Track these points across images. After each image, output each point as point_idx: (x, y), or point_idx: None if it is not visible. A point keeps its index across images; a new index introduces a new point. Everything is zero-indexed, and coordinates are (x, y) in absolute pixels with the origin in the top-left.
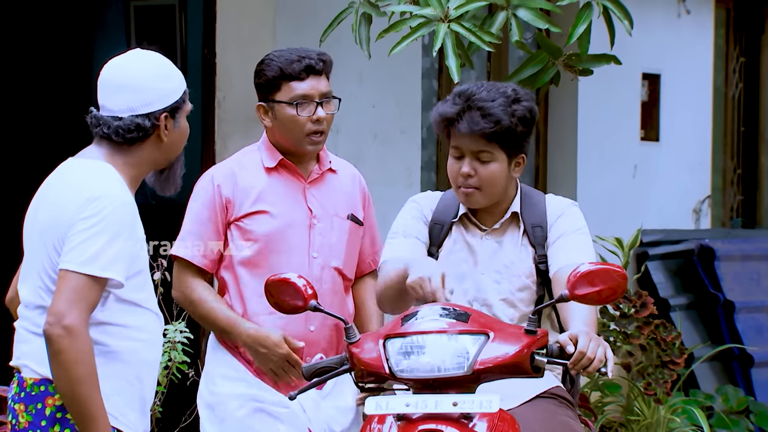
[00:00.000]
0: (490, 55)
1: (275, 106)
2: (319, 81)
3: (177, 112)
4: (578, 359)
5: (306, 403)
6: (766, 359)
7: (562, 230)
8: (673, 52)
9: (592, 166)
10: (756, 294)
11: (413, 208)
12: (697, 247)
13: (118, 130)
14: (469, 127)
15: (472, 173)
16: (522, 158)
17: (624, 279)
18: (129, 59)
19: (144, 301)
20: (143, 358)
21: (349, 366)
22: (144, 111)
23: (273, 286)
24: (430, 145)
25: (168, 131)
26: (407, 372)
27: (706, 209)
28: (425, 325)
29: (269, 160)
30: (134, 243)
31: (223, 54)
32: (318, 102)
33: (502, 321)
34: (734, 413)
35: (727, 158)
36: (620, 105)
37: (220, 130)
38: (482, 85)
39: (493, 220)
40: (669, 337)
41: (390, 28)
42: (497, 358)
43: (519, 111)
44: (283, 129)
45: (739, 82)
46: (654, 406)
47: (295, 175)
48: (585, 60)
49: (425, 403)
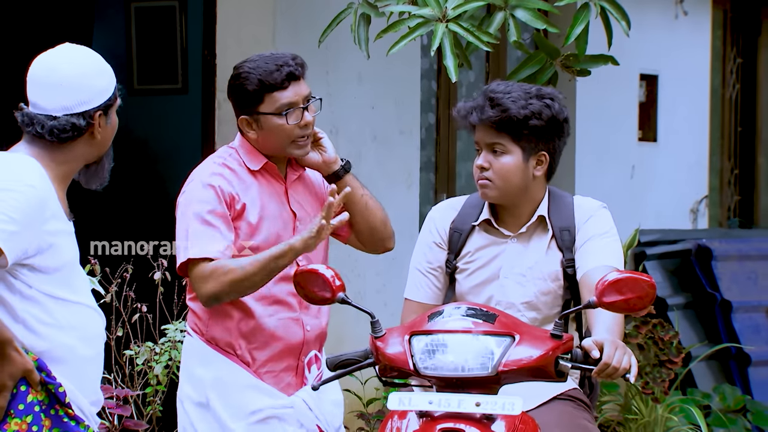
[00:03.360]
0: (488, 55)
1: (260, 118)
2: (300, 85)
3: (109, 108)
4: (603, 369)
5: (309, 400)
6: (763, 358)
7: (591, 233)
8: (671, 53)
9: (590, 166)
10: (753, 293)
11: (428, 233)
12: (694, 247)
13: (53, 129)
14: (479, 117)
15: (486, 165)
16: (543, 156)
17: (653, 288)
18: (61, 56)
19: (71, 296)
20: (81, 354)
21: (373, 360)
22: (79, 110)
23: (302, 277)
24: (429, 145)
25: (101, 128)
26: (431, 369)
27: (704, 209)
28: (451, 323)
29: (253, 163)
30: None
31: (223, 55)
32: (303, 107)
33: (528, 324)
34: (731, 412)
35: (724, 159)
36: (618, 105)
37: (221, 132)
38: (511, 83)
39: (518, 224)
40: (666, 337)
41: (388, 28)
42: (521, 361)
43: (534, 105)
44: (270, 138)
45: (736, 83)
46: (652, 405)
47: (276, 178)
48: (583, 60)
49: (448, 401)
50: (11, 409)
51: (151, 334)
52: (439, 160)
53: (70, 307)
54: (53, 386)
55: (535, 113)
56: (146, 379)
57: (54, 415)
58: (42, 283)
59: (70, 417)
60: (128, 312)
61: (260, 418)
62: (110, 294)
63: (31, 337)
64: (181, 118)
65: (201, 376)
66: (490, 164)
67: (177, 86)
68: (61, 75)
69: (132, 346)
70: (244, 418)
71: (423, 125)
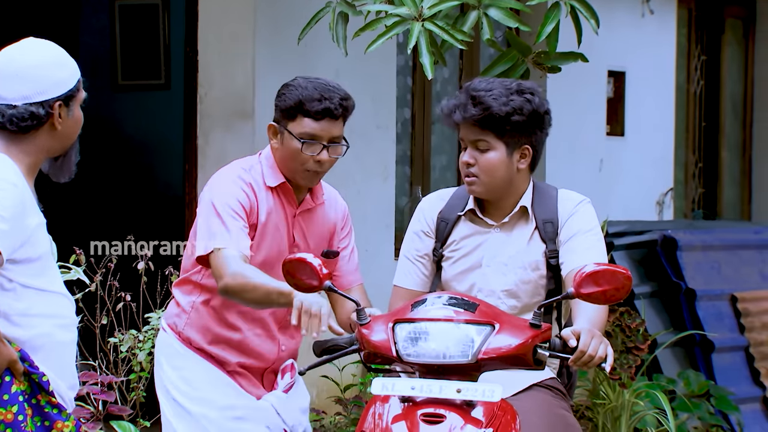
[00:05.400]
0: (462, 53)
1: (285, 133)
2: (333, 125)
3: (71, 100)
4: (579, 357)
5: (278, 405)
6: (726, 345)
7: (575, 230)
8: (638, 50)
9: (561, 160)
10: (716, 282)
11: (417, 222)
12: (660, 238)
13: (12, 118)
14: (462, 115)
15: (472, 162)
16: (527, 150)
17: (628, 280)
18: (22, 48)
19: (48, 285)
20: (59, 341)
21: (358, 346)
22: (37, 99)
23: (291, 266)
24: (405, 139)
25: (62, 119)
26: (413, 356)
27: (669, 201)
28: (434, 312)
29: (272, 179)
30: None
31: (204, 51)
32: (325, 145)
33: (508, 313)
34: (695, 397)
35: (689, 152)
36: (587, 101)
37: (202, 126)
38: (492, 79)
39: (502, 214)
40: (633, 324)
41: (366, 26)
42: (501, 349)
43: (516, 101)
44: (284, 156)
45: (700, 80)
46: (619, 390)
47: (290, 200)
48: (553, 58)
49: (430, 387)
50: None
51: (135, 322)
52: (414, 154)
53: (47, 297)
54: (36, 375)
55: (517, 109)
56: (130, 366)
57: (35, 404)
58: (21, 275)
59: (52, 405)
60: (112, 301)
61: (235, 415)
62: (95, 283)
63: (13, 328)
64: (163, 113)
65: (173, 374)
66: (475, 160)
67: (160, 82)
68: (19, 65)
69: (116, 334)
70: (219, 411)
71: (399, 120)
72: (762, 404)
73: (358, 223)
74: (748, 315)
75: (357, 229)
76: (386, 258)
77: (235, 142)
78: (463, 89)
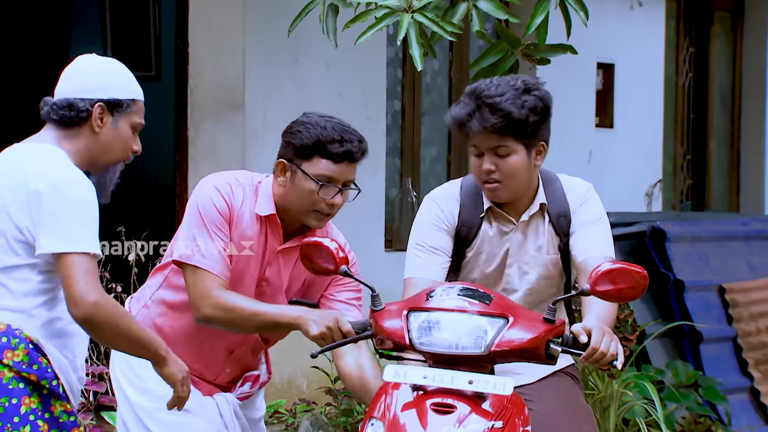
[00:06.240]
0: (452, 44)
1: (298, 173)
2: (350, 168)
3: (116, 110)
4: (591, 354)
5: (223, 405)
6: (714, 335)
7: (585, 218)
8: (627, 42)
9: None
10: (705, 274)
11: (434, 216)
12: (648, 229)
13: (54, 105)
14: (481, 124)
15: (494, 168)
16: (542, 146)
17: (645, 280)
18: (84, 57)
19: None
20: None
21: (371, 332)
22: (80, 95)
23: (308, 249)
24: (395, 131)
25: (102, 125)
26: (426, 345)
27: (658, 193)
28: (448, 302)
29: (263, 208)
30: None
31: (195, 43)
32: (340, 188)
33: (522, 307)
34: (684, 387)
35: (677, 144)
36: (576, 93)
37: (193, 117)
38: (491, 81)
39: (520, 212)
40: (622, 315)
41: (356, 18)
42: (514, 342)
43: (529, 101)
44: (295, 196)
45: (689, 72)
46: (607, 381)
47: (275, 234)
48: (542, 50)
49: (442, 377)
50: (7, 424)
51: None
52: (404, 146)
53: None
54: (46, 381)
55: (532, 109)
56: None
57: (49, 418)
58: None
59: (68, 413)
60: None
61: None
62: None
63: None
64: (154, 105)
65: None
66: (496, 166)
67: (151, 74)
68: (74, 68)
69: None
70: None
71: (389, 112)
72: (749, 394)
73: (348, 216)
74: (736, 306)
75: (346, 221)
76: (377, 249)
77: (225, 133)
78: (471, 95)
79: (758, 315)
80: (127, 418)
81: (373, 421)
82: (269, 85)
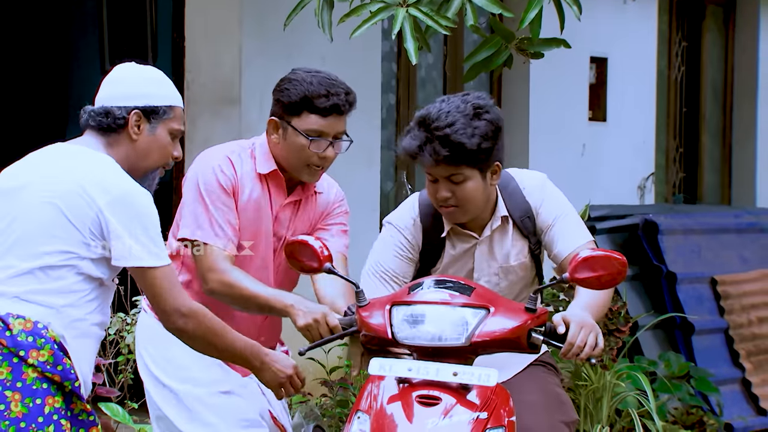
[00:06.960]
0: (447, 38)
1: (289, 129)
2: (339, 121)
3: (153, 117)
4: (567, 350)
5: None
6: (706, 327)
7: (553, 215)
8: (620, 36)
9: (543, 145)
10: (697, 266)
11: (398, 243)
12: (641, 222)
13: (91, 113)
14: (432, 158)
15: (449, 195)
16: (497, 167)
17: (624, 266)
18: (123, 65)
19: None
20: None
21: (357, 328)
22: (117, 103)
23: (293, 247)
24: (390, 125)
25: (139, 132)
26: (409, 339)
27: (650, 186)
28: (430, 295)
29: (264, 166)
30: None
31: (191, 38)
32: (330, 141)
33: (505, 298)
34: (676, 378)
35: (670, 137)
36: (569, 87)
37: (189, 111)
38: (441, 108)
39: (481, 226)
40: (615, 307)
41: (351, 12)
42: (495, 333)
43: (480, 128)
44: (287, 152)
45: (681, 66)
46: (600, 372)
47: (279, 189)
48: (536, 44)
49: (426, 369)
50: (32, 424)
51: (123, 306)
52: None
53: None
54: (69, 382)
55: (483, 136)
56: (118, 348)
57: (71, 416)
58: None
59: (87, 413)
60: None
61: (222, 390)
62: None
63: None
64: None
65: (156, 354)
66: (452, 192)
67: None
68: (112, 76)
69: None
70: (204, 387)
71: (384, 105)
72: (741, 385)
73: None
74: (728, 298)
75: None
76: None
77: (221, 127)
78: (420, 125)
79: (750, 307)
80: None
81: (359, 414)
82: (265, 80)
